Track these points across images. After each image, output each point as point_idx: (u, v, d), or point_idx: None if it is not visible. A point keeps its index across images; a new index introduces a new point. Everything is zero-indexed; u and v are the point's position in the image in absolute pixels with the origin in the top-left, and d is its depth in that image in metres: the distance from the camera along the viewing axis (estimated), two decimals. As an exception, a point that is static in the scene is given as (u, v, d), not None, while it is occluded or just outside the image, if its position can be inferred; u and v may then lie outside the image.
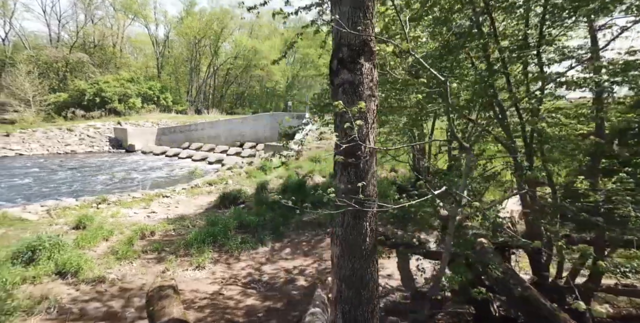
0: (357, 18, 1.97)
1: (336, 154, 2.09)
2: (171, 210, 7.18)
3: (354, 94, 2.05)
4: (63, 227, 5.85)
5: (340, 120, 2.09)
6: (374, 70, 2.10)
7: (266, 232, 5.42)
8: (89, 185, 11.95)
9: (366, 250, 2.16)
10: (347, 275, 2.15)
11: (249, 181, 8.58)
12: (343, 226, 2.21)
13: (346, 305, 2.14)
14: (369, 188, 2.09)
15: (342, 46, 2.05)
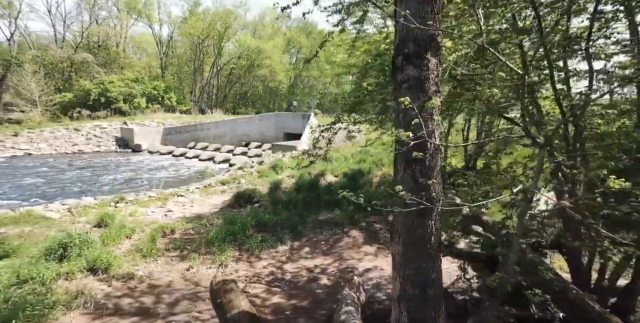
0: (424, 13, 1.94)
1: (398, 152, 2.10)
2: (187, 209, 7.30)
3: (419, 90, 2.01)
4: (85, 225, 5.98)
5: (403, 117, 2.07)
6: (439, 66, 2.08)
7: (285, 231, 5.48)
8: (101, 184, 12.09)
9: (431, 249, 2.14)
10: (411, 274, 2.15)
11: (261, 180, 8.69)
12: (407, 225, 2.16)
13: (411, 304, 2.14)
14: (435, 186, 2.06)
15: (407, 41, 2.01)
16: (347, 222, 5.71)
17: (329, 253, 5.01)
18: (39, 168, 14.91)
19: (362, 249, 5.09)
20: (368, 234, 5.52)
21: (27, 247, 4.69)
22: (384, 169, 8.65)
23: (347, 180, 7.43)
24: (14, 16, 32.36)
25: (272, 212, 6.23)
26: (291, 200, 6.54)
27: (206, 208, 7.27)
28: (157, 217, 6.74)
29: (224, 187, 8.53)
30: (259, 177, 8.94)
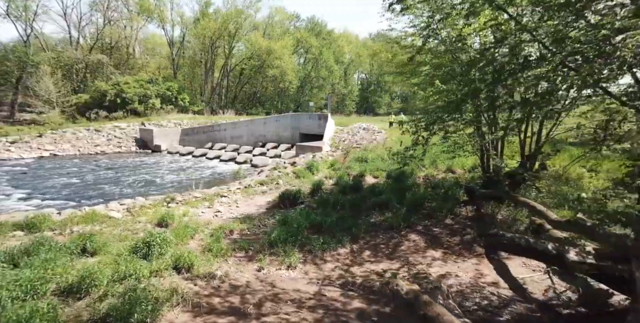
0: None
1: None
2: (233, 210, 7.54)
3: None
4: (147, 224, 6.23)
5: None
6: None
7: (342, 234, 5.52)
8: (136, 184, 12.41)
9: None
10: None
11: (298, 181, 8.90)
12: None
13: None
14: None
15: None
16: (403, 225, 5.68)
17: (394, 258, 4.99)
18: (69, 168, 15.28)
19: (427, 254, 5.00)
20: (428, 238, 5.44)
21: (108, 244, 4.95)
22: (425, 170, 8.71)
23: (393, 182, 7.55)
24: (30, 18, 32.82)
25: (323, 214, 6.28)
26: (338, 202, 6.63)
27: (252, 209, 7.50)
28: (208, 217, 6.99)
29: (264, 187, 8.77)
30: (295, 177, 9.15)
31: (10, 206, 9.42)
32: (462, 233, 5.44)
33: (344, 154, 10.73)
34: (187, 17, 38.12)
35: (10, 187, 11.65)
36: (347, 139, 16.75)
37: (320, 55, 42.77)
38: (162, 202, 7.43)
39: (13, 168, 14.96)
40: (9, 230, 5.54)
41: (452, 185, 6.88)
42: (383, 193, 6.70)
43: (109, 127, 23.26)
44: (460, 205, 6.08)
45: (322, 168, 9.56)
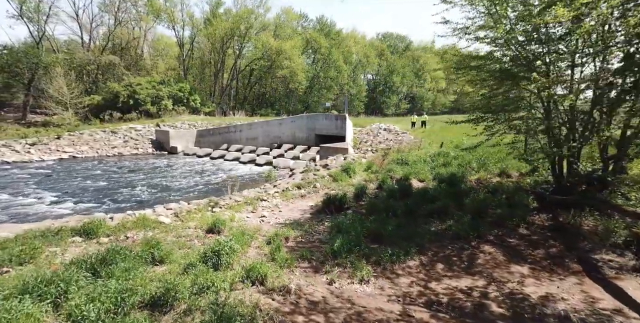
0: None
1: None
2: (276, 214, 7.43)
3: None
4: (197, 230, 6.15)
5: None
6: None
7: (408, 244, 5.19)
8: (165, 187, 12.36)
9: None
10: None
11: (336, 185, 8.77)
12: None
13: None
14: None
15: None
16: (473, 234, 5.27)
17: (473, 272, 4.58)
18: (91, 171, 15.27)
19: (512, 269, 4.54)
20: (506, 250, 4.97)
21: (172, 252, 4.86)
22: (476, 173, 8.27)
23: (447, 186, 7.17)
24: (43, 20, 32.91)
25: (377, 221, 6.02)
26: (389, 208, 6.38)
27: (296, 214, 7.39)
28: (255, 222, 6.89)
29: (301, 191, 8.66)
30: (332, 181, 9.01)
31: (45, 210, 9.38)
32: (545, 245, 5.05)
33: (382, 155, 10.46)
34: (197, 18, 38.10)
35: (40, 190, 11.63)
36: (368, 140, 16.61)
37: (330, 55, 42.66)
38: (207, 206, 7.35)
39: (37, 171, 14.96)
40: (68, 236, 5.48)
41: (514, 190, 6.51)
42: (438, 199, 6.47)
43: (124, 129, 23.27)
44: (532, 213, 5.78)
45: (358, 171, 9.39)
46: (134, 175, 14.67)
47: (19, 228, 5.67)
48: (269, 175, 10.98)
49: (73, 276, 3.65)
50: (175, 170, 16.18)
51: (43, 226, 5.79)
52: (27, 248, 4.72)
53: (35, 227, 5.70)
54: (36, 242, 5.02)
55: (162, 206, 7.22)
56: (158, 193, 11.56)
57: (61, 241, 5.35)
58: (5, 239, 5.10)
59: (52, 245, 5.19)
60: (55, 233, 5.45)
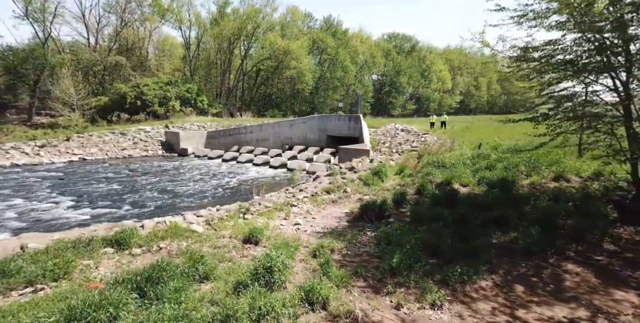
0: None
1: None
2: (310, 222, 7.04)
3: None
4: (233, 240, 5.75)
5: None
6: None
7: (470, 260, 4.58)
8: (183, 191, 11.99)
9: None
10: None
11: (368, 189, 8.36)
12: None
13: None
14: None
15: None
16: (550, 250, 4.63)
17: (567, 299, 3.86)
18: (103, 174, 14.92)
19: (615, 296, 3.82)
20: (596, 271, 4.29)
21: (216, 266, 4.48)
22: (529, 178, 7.48)
23: (499, 191, 6.50)
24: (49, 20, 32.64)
25: (428, 232, 5.49)
26: (437, 216, 5.75)
27: (332, 222, 6.98)
28: (290, 231, 6.50)
29: (331, 196, 8.26)
30: (363, 185, 8.60)
31: (63, 215, 9.03)
32: (646, 265, 4.35)
33: (416, 157, 9.96)
34: (204, 18, 37.81)
35: (54, 193, 11.28)
36: (386, 141, 16.21)
37: (336, 55, 42.31)
38: (237, 212, 6.97)
39: (48, 174, 14.62)
40: (100, 247, 5.11)
41: (583, 197, 5.91)
42: (491, 206, 5.97)
43: (133, 130, 22.95)
44: (614, 225, 5.18)
45: (389, 175, 8.98)
46: (146, 178, 14.31)
47: (47, 239, 5.30)
48: (293, 179, 10.59)
49: (122, 298, 3.27)
50: (189, 172, 15.82)
51: (72, 236, 5.41)
52: (60, 262, 4.35)
53: (64, 237, 5.33)
54: (68, 254, 4.65)
55: (192, 213, 6.84)
56: (175, 197, 11.19)
57: (93, 252, 4.97)
58: (36, 251, 4.73)
59: (84, 258, 4.82)
60: (86, 244, 5.07)
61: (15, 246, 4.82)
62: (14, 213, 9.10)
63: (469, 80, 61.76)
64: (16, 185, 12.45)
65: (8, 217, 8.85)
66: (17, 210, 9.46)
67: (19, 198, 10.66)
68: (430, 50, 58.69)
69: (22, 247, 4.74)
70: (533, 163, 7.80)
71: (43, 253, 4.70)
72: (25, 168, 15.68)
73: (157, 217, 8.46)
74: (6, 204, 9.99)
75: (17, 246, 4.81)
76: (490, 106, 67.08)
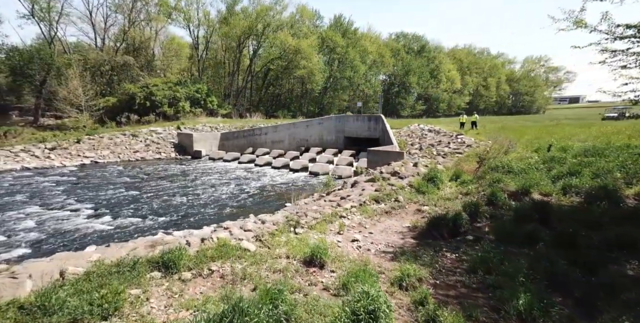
0: None
1: None
2: (369, 238, 6.19)
3: None
4: (292, 262, 4.93)
5: None
6: None
7: (613, 301, 3.58)
8: (206, 198, 11.27)
9: None
10: None
11: (423, 198, 7.56)
12: None
13: None
14: None
15: None
16: None
17: None
18: (118, 178, 14.21)
19: None
20: None
21: (292, 304, 3.64)
22: (634, 186, 6.33)
23: (606, 204, 5.47)
24: (55, 20, 32.04)
25: (536, 257, 4.50)
26: (532, 235, 4.75)
27: (394, 238, 6.11)
28: (349, 249, 5.66)
29: (382, 206, 7.50)
30: (416, 192, 7.84)
31: (84, 225, 8.31)
32: None
33: (477, 161, 9.07)
34: (213, 17, 37.16)
35: (71, 200, 10.58)
36: (414, 143, 15.45)
37: (346, 54, 41.59)
38: (286, 225, 6.22)
39: (61, 178, 13.93)
40: (146, 270, 4.37)
41: None
42: (601, 223, 5.01)
43: (145, 132, 22.27)
44: None
45: (444, 181, 8.17)
46: (164, 182, 13.59)
47: (84, 260, 4.58)
48: (328, 184, 9.85)
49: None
50: (207, 176, 15.10)
51: (112, 255, 4.69)
52: (108, 294, 3.62)
53: (103, 257, 4.61)
54: (114, 282, 3.91)
55: (239, 227, 6.09)
56: (200, 204, 10.46)
57: (140, 278, 4.24)
58: (76, 277, 4.00)
59: (131, 285, 4.08)
60: (131, 268, 4.34)
61: (52, 270, 4.10)
62: (32, 223, 8.40)
63: (478, 80, 60.98)
64: (30, 190, 11.75)
65: (27, 226, 8.14)
66: (35, 218, 8.75)
67: (34, 205, 9.96)
68: (439, 50, 57.99)
69: (62, 272, 4.01)
70: (632, 169, 6.76)
71: (85, 280, 3.97)
72: (37, 172, 14.99)
73: (190, 229, 7.76)
74: (23, 212, 9.28)
75: (55, 270, 4.09)
76: (499, 107, 66.27)
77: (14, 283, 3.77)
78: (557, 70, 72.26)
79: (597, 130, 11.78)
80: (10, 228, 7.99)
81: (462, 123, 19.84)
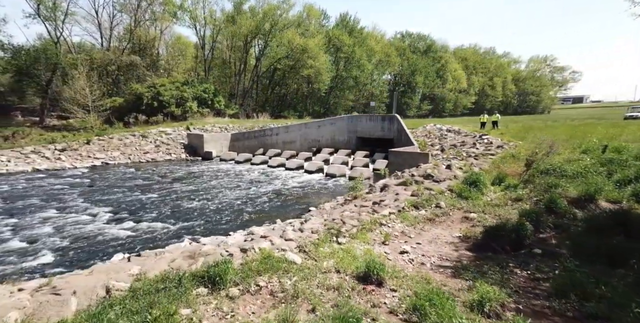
0: None
1: None
2: (418, 249, 5.58)
3: None
4: (344, 277, 4.46)
5: None
6: None
7: None
8: (226, 201, 10.93)
9: None
10: None
11: (466, 203, 7.04)
12: None
13: None
14: None
15: None
16: None
17: None
18: (132, 180, 13.89)
19: None
20: None
21: None
22: None
23: None
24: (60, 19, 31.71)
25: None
26: (621, 251, 4.22)
27: (447, 250, 5.55)
28: (401, 262, 5.11)
29: (423, 212, 7.09)
30: (458, 197, 7.42)
31: (105, 230, 7.98)
32: None
33: (525, 164, 8.54)
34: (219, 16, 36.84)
35: (88, 203, 10.25)
36: (435, 143, 15.09)
37: (353, 53, 41.22)
38: (327, 234, 5.85)
39: (74, 180, 13.61)
40: (192, 286, 4.03)
41: None
42: None
43: (154, 133, 21.95)
44: None
45: (487, 184, 7.73)
46: (180, 185, 13.26)
47: (125, 273, 4.25)
48: (356, 187, 9.49)
49: None
50: (222, 179, 14.76)
51: (152, 268, 4.36)
52: (160, 315, 3.28)
53: (144, 271, 4.28)
54: (163, 301, 3.58)
55: (278, 236, 5.73)
56: (221, 208, 10.12)
57: (187, 295, 3.90)
58: (122, 294, 3.67)
59: (180, 304, 3.74)
60: (177, 283, 4.00)
61: (94, 286, 3.77)
62: (51, 228, 8.07)
63: (484, 79, 60.54)
64: (44, 193, 11.43)
65: (46, 232, 7.82)
66: (54, 223, 8.43)
67: (51, 209, 9.64)
68: (445, 49, 57.59)
69: (108, 289, 3.68)
70: None
71: (131, 297, 3.64)
72: (48, 174, 14.68)
73: (218, 235, 7.42)
74: (40, 216, 8.96)
75: (97, 286, 3.76)
76: (505, 106, 65.81)
77: (58, 301, 3.44)
78: (563, 70, 71.79)
79: (637, 129, 11.34)
80: (31, 234, 7.67)
81: (483, 123, 19.37)
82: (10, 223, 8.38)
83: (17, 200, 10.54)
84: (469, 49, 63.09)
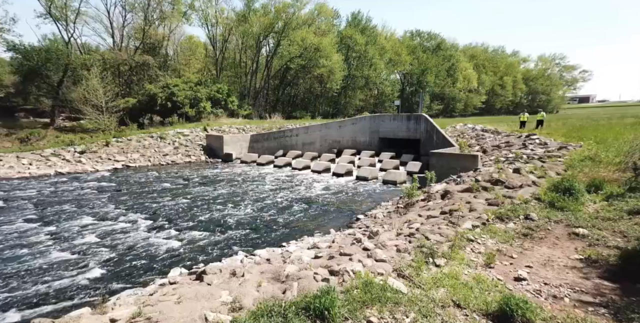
0: None
1: None
2: (533, 275, 4.56)
3: None
4: (471, 314, 3.59)
5: None
6: None
7: None
8: (262, 207, 10.37)
9: None
10: None
11: (563, 215, 6.17)
12: None
13: None
14: None
15: None
16: None
17: None
18: (157, 184, 13.35)
19: None
20: None
21: None
22: None
23: None
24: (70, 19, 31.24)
25: None
26: None
27: (572, 277, 4.49)
28: (521, 292, 4.11)
29: (513, 225, 6.09)
30: (550, 207, 6.58)
31: (149, 240, 7.45)
32: None
33: (625, 167, 7.72)
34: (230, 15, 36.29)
35: (120, 209, 9.74)
36: (472, 144, 14.44)
37: (366, 52, 40.58)
38: (420, 254, 5.11)
39: (99, 184, 13.10)
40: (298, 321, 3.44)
41: None
42: None
43: (172, 134, 21.42)
44: None
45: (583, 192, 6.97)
46: (208, 188, 12.72)
47: (214, 300, 3.69)
48: (410, 193, 8.89)
49: None
50: (250, 182, 14.21)
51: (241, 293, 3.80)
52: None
53: (236, 297, 3.72)
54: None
55: (366, 255, 5.09)
56: (262, 216, 9.57)
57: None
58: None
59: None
60: (283, 319, 3.43)
61: (193, 318, 3.22)
62: (92, 238, 7.57)
63: (494, 79, 59.75)
64: (73, 198, 10.92)
65: (90, 242, 7.32)
66: (94, 232, 7.91)
67: (85, 215, 9.13)
68: (455, 48, 56.83)
69: (207, 320, 3.13)
70: None
71: (241, 337, 3.08)
72: (71, 177, 14.18)
73: (272, 247, 6.86)
74: (77, 224, 8.46)
75: (196, 317, 3.21)
76: (515, 106, 65.03)
77: (162, 343, 2.91)
78: (573, 69, 70.86)
79: None
80: (74, 245, 7.16)
81: (523, 122, 18.34)
82: (49, 232, 7.89)
83: (47, 206, 10.05)
84: (478, 47, 62.27)
